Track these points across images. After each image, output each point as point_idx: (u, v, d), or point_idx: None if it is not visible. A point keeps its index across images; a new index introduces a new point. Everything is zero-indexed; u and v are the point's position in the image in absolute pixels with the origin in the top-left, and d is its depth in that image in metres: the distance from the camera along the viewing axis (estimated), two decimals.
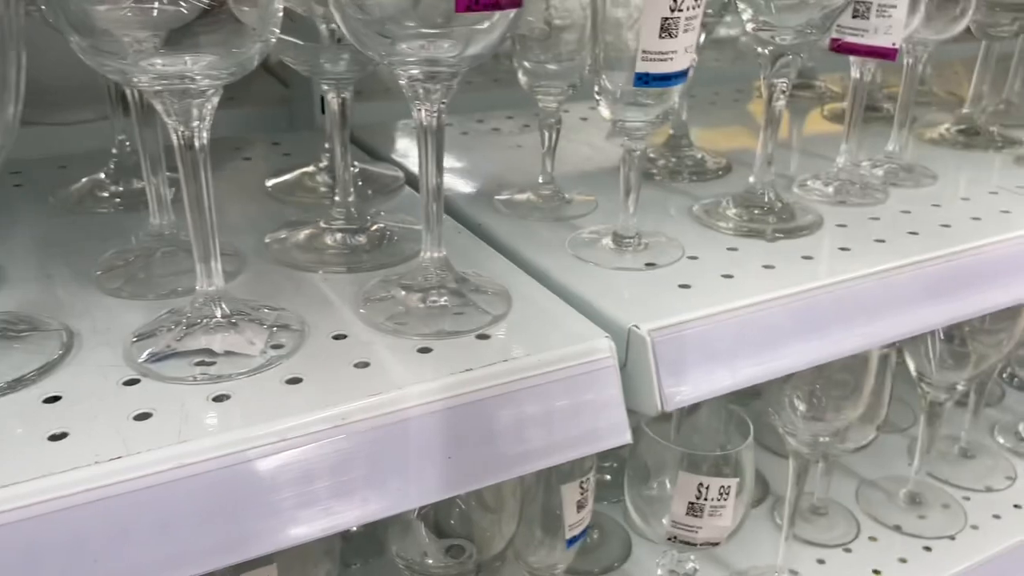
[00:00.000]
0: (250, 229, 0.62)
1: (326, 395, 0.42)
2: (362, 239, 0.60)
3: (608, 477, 0.86)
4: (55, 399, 0.41)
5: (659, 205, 0.70)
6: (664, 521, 0.73)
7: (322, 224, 0.60)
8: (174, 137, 0.42)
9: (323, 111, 0.89)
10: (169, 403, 0.41)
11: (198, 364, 0.44)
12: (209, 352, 0.45)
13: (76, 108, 0.80)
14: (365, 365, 0.45)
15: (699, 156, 0.80)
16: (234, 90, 0.92)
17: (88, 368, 0.44)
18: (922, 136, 0.91)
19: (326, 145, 0.73)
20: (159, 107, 0.41)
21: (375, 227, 0.61)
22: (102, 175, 0.68)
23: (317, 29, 0.54)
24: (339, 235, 0.60)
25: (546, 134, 0.67)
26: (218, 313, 0.46)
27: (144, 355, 0.44)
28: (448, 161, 0.81)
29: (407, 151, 0.81)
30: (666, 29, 0.52)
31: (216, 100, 0.42)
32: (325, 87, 0.56)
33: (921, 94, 1.07)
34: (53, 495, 0.36)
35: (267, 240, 0.60)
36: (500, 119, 0.93)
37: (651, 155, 0.80)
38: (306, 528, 0.40)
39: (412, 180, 0.74)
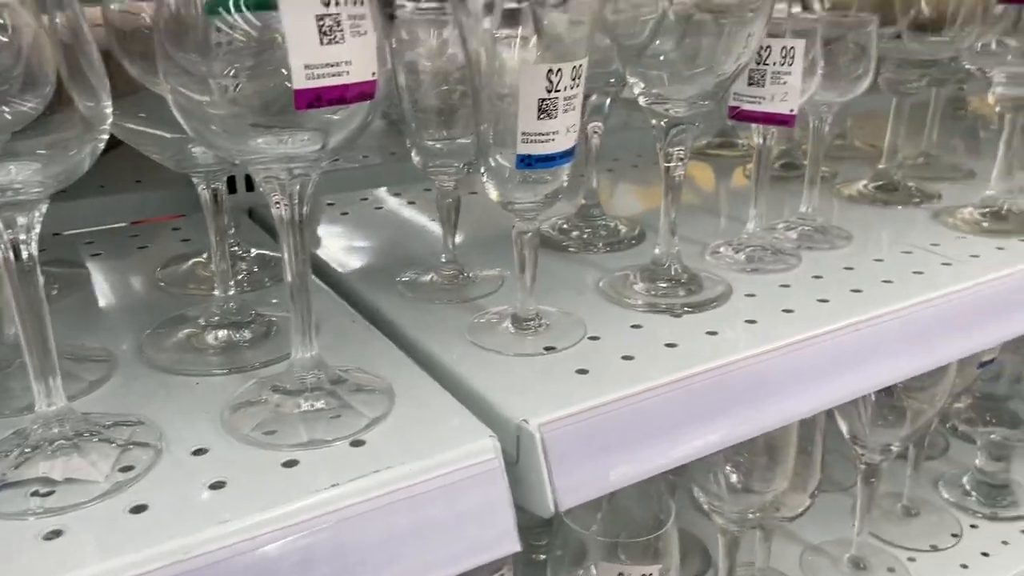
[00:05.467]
0: (131, 327, 0.59)
1: (170, 525, 0.39)
2: (247, 334, 0.57)
3: (543, 557, 0.82)
4: None
5: (570, 280, 0.68)
6: None
7: (201, 321, 0.57)
8: None
9: (231, 191, 0.86)
10: None
11: (34, 495, 0.40)
12: (47, 481, 0.41)
13: None
14: (221, 486, 0.42)
15: (612, 225, 0.78)
16: (141, 172, 0.90)
17: None
18: (841, 192, 0.90)
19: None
20: None
21: (259, 321, 0.58)
22: None
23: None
24: (221, 332, 0.56)
25: (445, 213, 0.65)
26: (59, 435, 0.42)
27: None
28: (342, 241, 0.78)
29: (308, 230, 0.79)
30: (544, 110, 0.50)
31: (44, 208, 0.39)
32: (195, 180, 0.53)
33: (842, 148, 1.08)
34: None
35: (140, 342, 0.56)
36: (384, 196, 0.91)
37: (564, 226, 0.78)
38: None
39: (316, 266, 0.71)
